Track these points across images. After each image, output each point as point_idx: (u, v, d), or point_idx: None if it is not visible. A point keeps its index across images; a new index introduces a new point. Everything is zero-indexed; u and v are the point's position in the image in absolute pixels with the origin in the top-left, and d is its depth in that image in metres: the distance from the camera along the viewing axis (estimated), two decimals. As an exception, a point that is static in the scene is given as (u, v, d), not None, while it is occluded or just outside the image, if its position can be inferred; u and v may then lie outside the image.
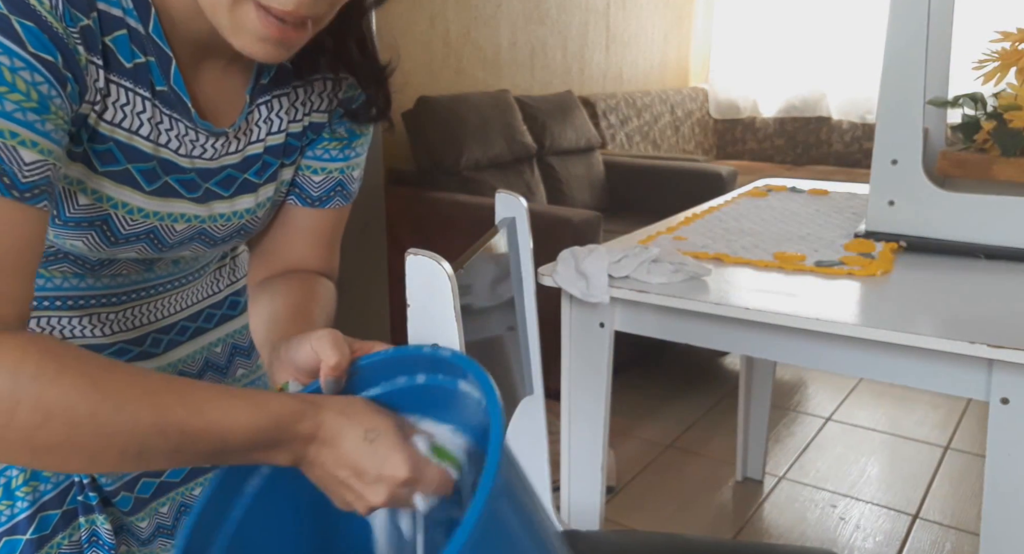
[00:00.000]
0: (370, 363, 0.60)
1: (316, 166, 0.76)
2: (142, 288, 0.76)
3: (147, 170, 0.63)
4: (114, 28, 0.56)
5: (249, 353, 0.90)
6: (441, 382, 0.59)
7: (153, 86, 0.60)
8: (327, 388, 0.59)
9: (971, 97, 1.34)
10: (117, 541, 0.75)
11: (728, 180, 3.32)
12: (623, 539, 1.20)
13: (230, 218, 0.71)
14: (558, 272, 1.10)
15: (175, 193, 0.65)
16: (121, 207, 0.63)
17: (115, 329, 0.76)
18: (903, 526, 1.92)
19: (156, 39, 0.59)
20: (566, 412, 1.19)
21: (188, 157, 0.65)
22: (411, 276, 0.66)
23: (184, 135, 0.64)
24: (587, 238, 2.30)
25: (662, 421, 2.44)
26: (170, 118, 0.62)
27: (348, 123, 0.76)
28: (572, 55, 3.79)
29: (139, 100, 0.60)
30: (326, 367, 0.58)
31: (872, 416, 2.49)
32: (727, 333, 1.06)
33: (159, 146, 0.62)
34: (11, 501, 0.71)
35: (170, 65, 0.60)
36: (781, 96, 4.66)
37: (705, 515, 1.97)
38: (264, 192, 0.72)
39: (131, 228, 0.64)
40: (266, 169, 0.72)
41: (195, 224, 0.69)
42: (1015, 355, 0.83)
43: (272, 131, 0.71)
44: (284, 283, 0.75)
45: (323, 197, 0.77)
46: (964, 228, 1.21)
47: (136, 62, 0.58)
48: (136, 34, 0.58)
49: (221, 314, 0.87)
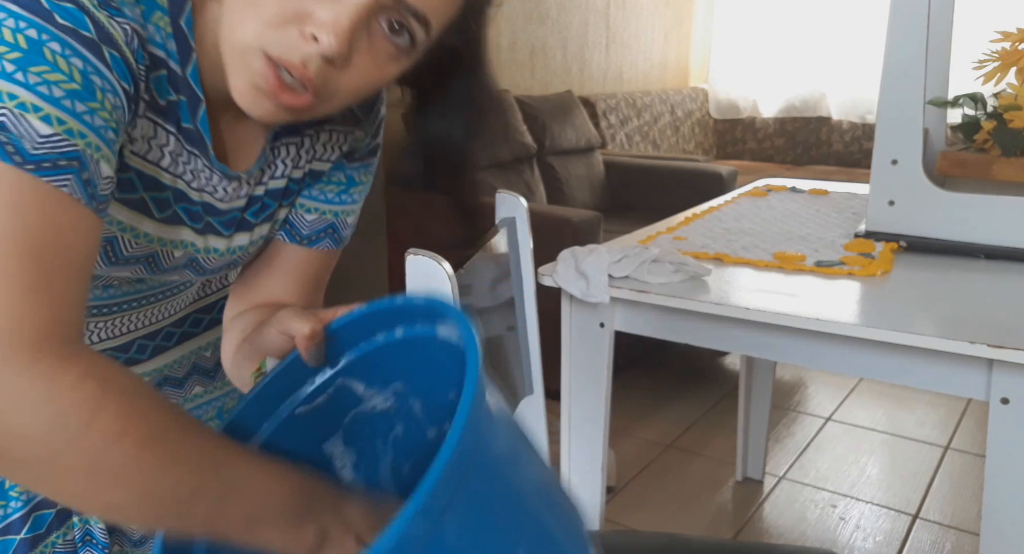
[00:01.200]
0: (344, 324, 0.57)
1: (310, 205, 0.75)
2: (133, 299, 0.75)
3: (161, 199, 0.63)
4: (157, 68, 0.58)
5: None
6: (420, 332, 0.56)
7: (179, 122, 0.61)
8: (309, 358, 0.57)
9: (971, 97, 1.34)
10: (110, 541, 0.75)
11: (728, 180, 3.32)
12: (623, 539, 1.20)
13: (223, 253, 0.71)
14: (558, 272, 1.10)
15: (180, 221, 0.66)
16: (129, 231, 0.63)
17: (101, 337, 0.75)
18: (903, 526, 1.92)
19: (191, 82, 0.60)
20: (566, 412, 1.19)
21: (198, 190, 0.66)
22: (411, 276, 0.66)
23: (200, 171, 0.65)
24: (587, 238, 2.30)
25: (662, 421, 2.44)
26: (189, 153, 0.63)
27: (348, 170, 0.76)
28: (572, 55, 3.79)
29: (163, 134, 0.61)
30: (302, 338, 0.56)
31: (872, 416, 2.49)
32: (727, 333, 1.06)
33: (176, 177, 0.63)
34: (4, 501, 0.71)
35: (199, 107, 0.61)
36: (781, 96, 4.66)
37: (705, 515, 1.97)
38: (259, 231, 0.73)
39: (133, 251, 0.65)
40: (264, 210, 0.72)
41: (190, 252, 0.69)
42: (1015, 355, 0.83)
43: (275, 176, 0.71)
44: (255, 310, 0.74)
45: (312, 237, 0.76)
46: (964, 228, 1.21)
47: (168, 100, 0.59)
48: (174, 75, 0.59)
49: (210, 319, 0.86)
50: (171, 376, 0.84)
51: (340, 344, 0.58)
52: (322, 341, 0.57)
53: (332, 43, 0.54)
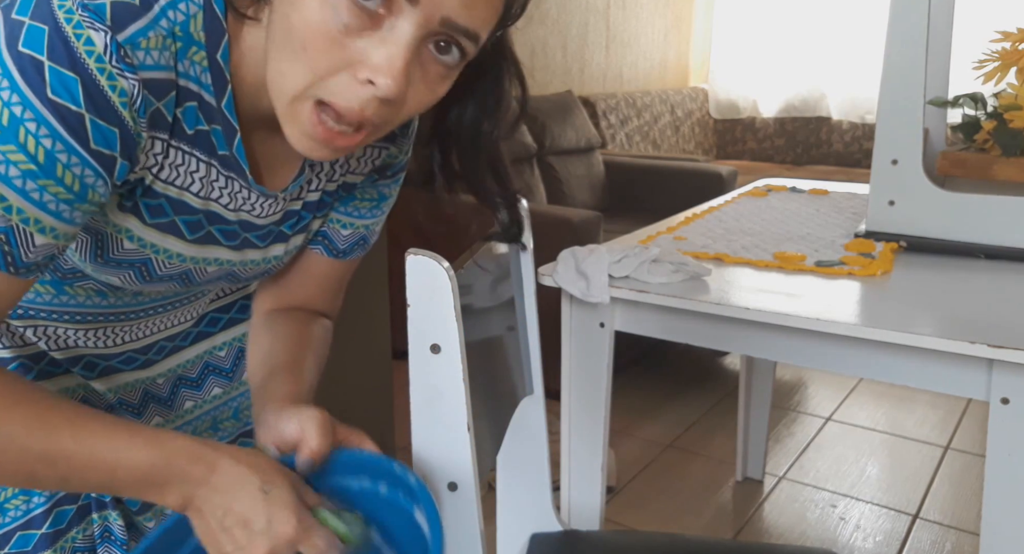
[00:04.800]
0: (345, 458, 0.62)
1: (345, 221, 0.78)
2: (160, 304, 0.77)
3: (192, 222, 0.65)
4: (185, 100, 0.58)
5: None
6: (400, 501, 0.61)
7: (215, 150, 0.62)
8: (301, 468, 0.60)
9: (971, 97, 1.34)
10: (128, 536, 0.77)
11: (728, 180, 3.32)
12: (623, 539, 1.20)
13: (259, 263, 0.73)
14: (558, 272, 1.10)
15: (215, 241, 0.68)
16: (162, 253, 0.65)
17: (125, 339, 0.77)
18: (903, 526, 1.92)
19: (226, 112, 0.61)
20: (566, 412, 1.19)
21: (235, 211, 0.67)
22: (411, 276, 0.66)
23: (238, 192, 0.66)
24: (587, 238, 2.30)
25: (662, 421, 2.44)
26: (227, 178, 0.64)
27: (380, 186, 0.78)
28: (572, 55, 3.79)
29: (195, 161, 0.62)
30: (307, 449, 0.60)
31: (872, 416, 2.49)
32: (727, 333, 1.06)
33: (208, 200, 0.65)
34: (27, 496, 0.72)
35: (235, 136, 0.62)
36: (781, 96, 4.66)
37: (705, 515, 1.97)
38: (294, 242, 0.75)
39: (167, 270, 0.67)
40: (300, 222, 0.74)
41: (226, 268, 0.71)
42: (1015, 355, 0.83)
43: (311, 189, 0.73)
44: (284, 325, 0.77)
45: (347, 250, 0.79)
46: (964, 228, 1.21)
47: (199, 129, 0.60)
48: (207, 106, 0.60)
49: (228, 318, 0.87)
50: (186, 376, 0.84)
51: (331, 467, 0.62)
52: (320, 460, 0.60)
53: (390, 86, 0.53)
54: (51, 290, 0.70)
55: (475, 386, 0.71)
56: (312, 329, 0.78)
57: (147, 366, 0.80)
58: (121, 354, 0.78)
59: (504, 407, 0.91)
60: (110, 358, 0.77)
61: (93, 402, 0.78)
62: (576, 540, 1.04)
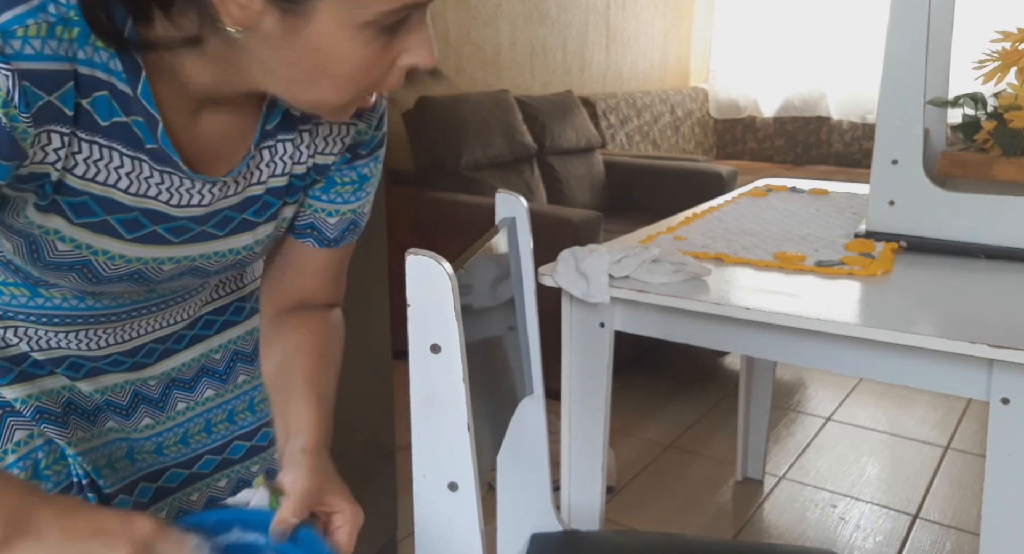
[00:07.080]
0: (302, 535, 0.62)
1: (331, 209, 0.76)
2: (143, 306, 0.76)
3: (128, 220, 0.63)
4: (93, 90, 0.56)
5: (252, 359, 0.89)
6: None
7: (142, 143, 0.60)
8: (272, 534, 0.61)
9: (971, 97, 1.34)
10: None
11: (728, 180, 3.32)
12: (623, 539, 1.20)
13: (225, 254, 0.71)
14: (558, 272, 1.10)
15: (161, 240, 0.66)
16: (101, 254, 0.63)
17: (109, 342, 0.76)
18: (903, 526, 1.92)
19: (143, 101, 0.58)
20: (566, 412, 1.19)
21: (179, 207, 0.65)
22: (411, 276, 0.66)
23: (179, 187, 0.64)
24: (587, 238, 2.30)
25: (662, 421, 2.44)
26: (162, 173, 0.62)
27: (358, 167, 0.76)
28: (572, 55, 3.79)
29: (118, 156, 0.59)
30: (280, 517, 0.61)
31: (872, 416, 2.49)
32: (727, 333, 1.06)
33: (143, 198, 0.62)
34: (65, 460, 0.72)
35: (157, 125, 0.59)
36: (781, 96, 4.66)
37: (705, 515, 1.97)
38: (263, 230, 0.73)
39: (113, 271, 0.65)
40: (266, 209, 0.72)
41: (185, 264, 0.69)
42: (1015, 355, 0.83)
43: (275, 174, 0.70)
44: (296, 331, 0.77)
45: (339, 237, 0.78)
46: (964, 228, 1.21)
47: (115, 120, 0.58)
48: (121, 95, 0.57)
49: (223, 320, 0.86)
50: (179, 378, 0.84)
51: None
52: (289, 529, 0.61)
53: (432, 60, 0.59)
54: (26, 292, 0.69)
55: (475, 386, 0.71)
56: (323, 330, 0.78)
57: (138, 369, 0.79)
58: (107, 356, 0.76)
59: (504, 407, 0.91)
60: (96, 360, 0.76)
61: (79, 403, 0.76)
62: (576, 540, 1.04)
